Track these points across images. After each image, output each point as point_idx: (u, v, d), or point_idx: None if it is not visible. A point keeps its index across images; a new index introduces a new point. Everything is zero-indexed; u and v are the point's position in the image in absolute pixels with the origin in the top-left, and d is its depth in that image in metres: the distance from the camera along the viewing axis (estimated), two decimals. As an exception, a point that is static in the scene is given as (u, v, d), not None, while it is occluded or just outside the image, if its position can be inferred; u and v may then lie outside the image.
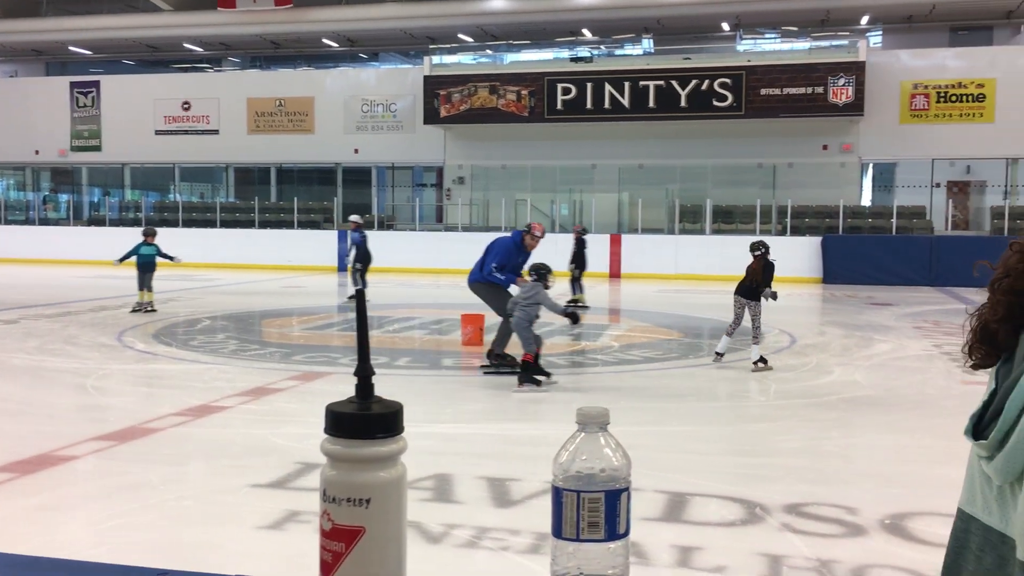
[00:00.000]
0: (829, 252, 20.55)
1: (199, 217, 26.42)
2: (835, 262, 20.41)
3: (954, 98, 22.82)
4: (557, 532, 0.96)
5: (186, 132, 28.01)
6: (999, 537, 1.00)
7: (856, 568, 3.76)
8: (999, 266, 1.24)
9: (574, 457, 0.95)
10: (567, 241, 16.03)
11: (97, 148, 28.77)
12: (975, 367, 1.11)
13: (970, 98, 22.73)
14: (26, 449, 5.50)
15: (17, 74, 33.40)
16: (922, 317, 13.61)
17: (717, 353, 8.85)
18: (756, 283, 8.70)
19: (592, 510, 0.92)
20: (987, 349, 1.11)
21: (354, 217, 15.52)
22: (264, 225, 25.55)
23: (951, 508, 5.01)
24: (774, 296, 8.49)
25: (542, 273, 7.99)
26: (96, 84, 28.91)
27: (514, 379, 7.78)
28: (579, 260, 14.81)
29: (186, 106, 27.94)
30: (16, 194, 31.44)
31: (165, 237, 24.68)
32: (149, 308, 12.94)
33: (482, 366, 8.61)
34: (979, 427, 1.08)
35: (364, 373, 1.02)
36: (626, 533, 0.93)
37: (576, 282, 14.69)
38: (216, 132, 27.80)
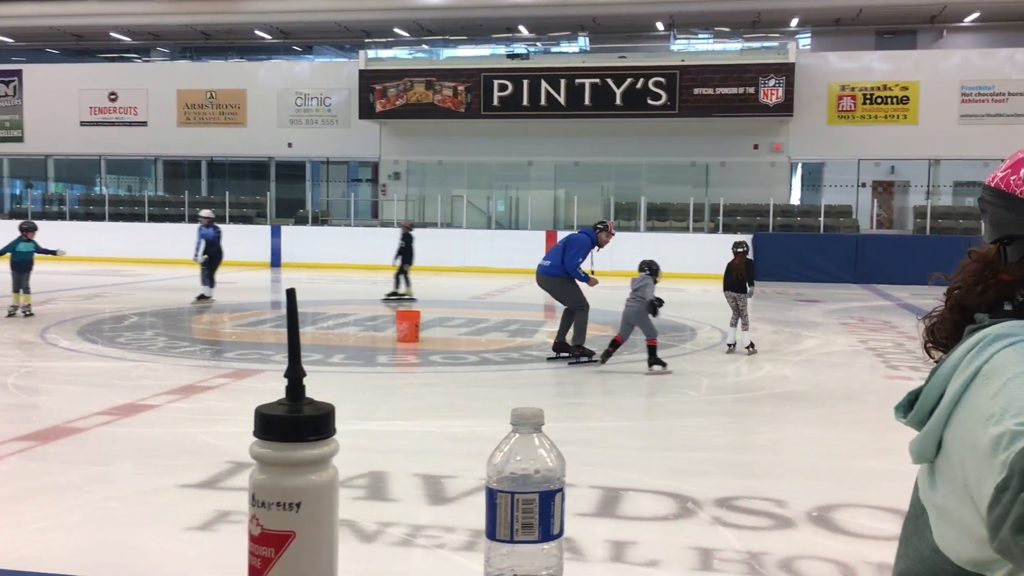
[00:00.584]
0: (759, 250, 20.92)
1: (127, 211, 25.78)
2: (765, 259, 20.79)
3: (880, 100, 23.44)
4: (491, 534, 0.95)
5: (113, 124, 27.29)
6: (920, 508, 1.05)
7: (785, 560, 3.84)
8: (955, 275, 1.20)
9: (508, 458, 0.95)
10: (506, 238, 16.05)
11: (19, 139, 27.87)
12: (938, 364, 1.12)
13: (895, 100, 23.37)
14: (-58, 451, 5.30)
15: (-67, 61, 32.15)
16: (848, 313, 13.96)
17: (729, 344, 9.69)
18: (741, 277, 9.69)
19: (526, 511, 0.91)
20: (941, 349, 1.13)
21: (205, 212, 14.74)
22: (194, 219, 24.97)
23: (876, 500, 5.18)
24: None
25: (654, 268, 8.89)
26: (18, 73, 27.99)
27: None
28: (407, 255, 15.05)
29: (113, 97, 27.23)
30: (-68, 186, 30.29)
31: (92, 231, 24.16)
32: (27, 312, 11.64)
33: (552, 358, 8.93)
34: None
35: (294, 375, 1.00)
36: (560, 534, 0.94)
37: (403, 275, 14.87)
38: (144, 124, 27.15)
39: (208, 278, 14.03)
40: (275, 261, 23.08)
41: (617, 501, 4.61)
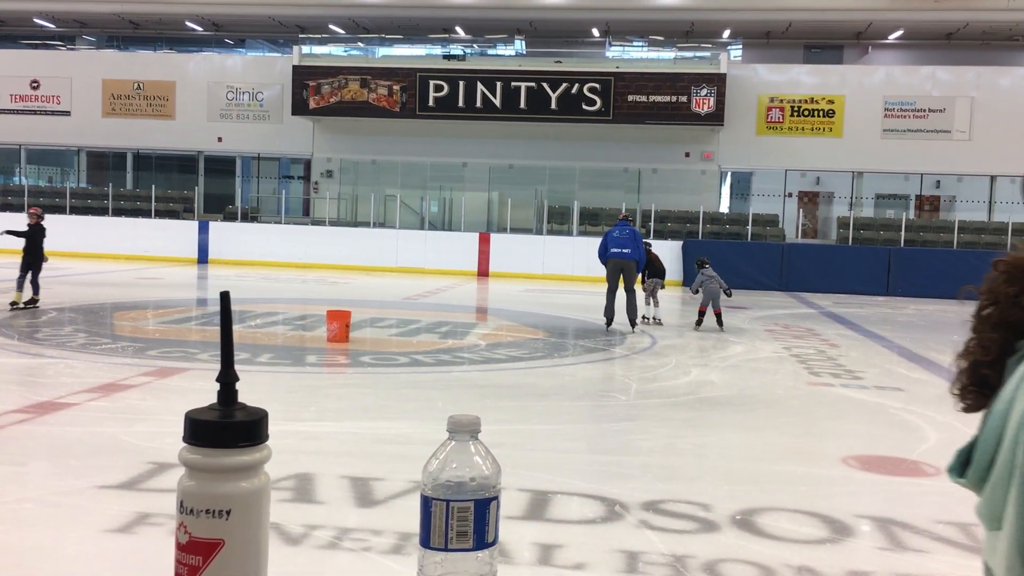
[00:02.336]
0: (689, 256, 21.26)
1: (47, 202, 24.87)
2: (695, 265, 21.12)
3: (807, 112, 24.02)
4: (425, 541, 0.94)
5: (34, 112, 26.43)
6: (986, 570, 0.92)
7: (709, 563, 3.90)
8: (983, 290, 1.03)
9: (444, 465, 0.94)
10: (439, 239, 15.98)
11: (-67, 125, 26.79)
12: (967, 410, 0.96)
13: (821, 113, 23.97)
14: None
15: None
16: (773, 320, 14.26)
17: (654, 319, 12.69)
18: (661, 268, 12.75)
19: (461, 519, 0.91)
20: (981, 392, 0.98)
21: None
22: (118, 213, 24.41)
23: (796, 504, 5.29)
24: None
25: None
26: (-67, 56, 26.91)
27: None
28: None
29: (35, 85, 26.38)
30: None
31: (8, 223, 23.29)
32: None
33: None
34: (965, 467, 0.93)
35: (227, 379, 0.98)
36: (495, 542, 0.93)
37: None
38: (68, 113, 26.36)
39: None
40: (202, 257, 22.62)
41: (545, 504, 4.63)
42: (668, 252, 21.44)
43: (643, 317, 12.59)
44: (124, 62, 27.18)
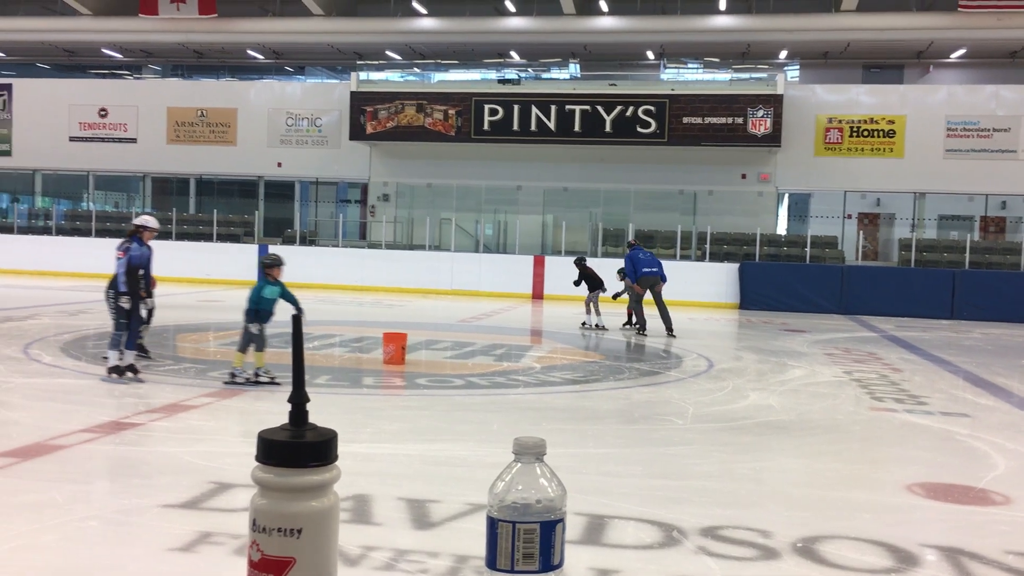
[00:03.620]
0: (746, 278, 21.04)
1: (113, 227, 25.66)
2: (751, 288, 20.90)
3: (866, 133, 23.67)
4: (491, 563, 0.95)
5: (102, 139, 27.25)
6: None
7: (769, 591, 3.82)
8: None
9: (510, 487, 0.95)
10: (493, 262, 16.07)
11: (7, 153, 27.77)
12: None
13: (881, 133, 23.61)
14: (-79, 466, 5.24)
15: (-78, 73, 32.05)
16: (833, 344, 14.01)
17: (598, 326, 13.16)
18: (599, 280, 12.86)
19: (527, 541, 0.91)
20: None
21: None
22: (182, 237, 24.98)
23: (859, 531, 5.19)
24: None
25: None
26: (8, 87, 27.93)
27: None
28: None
29: (103, 113, 27.20)
30: (-83, 198, 30.11)
31: (77, 246, 24.05)
32: (269, 378, 8.51)
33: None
34: None
35: (298, 400, 1.00)
36: (560, 564, 0.93)
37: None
38: (134, 140, 27.12)
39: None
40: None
41: (601, 528, 4.59)
42: (724, 275, 21.27)
43: (583, 324, 14.84)
44: (188, 90, 27.91)
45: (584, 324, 15.01)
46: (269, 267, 8.64)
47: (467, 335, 13.70)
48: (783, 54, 27.29)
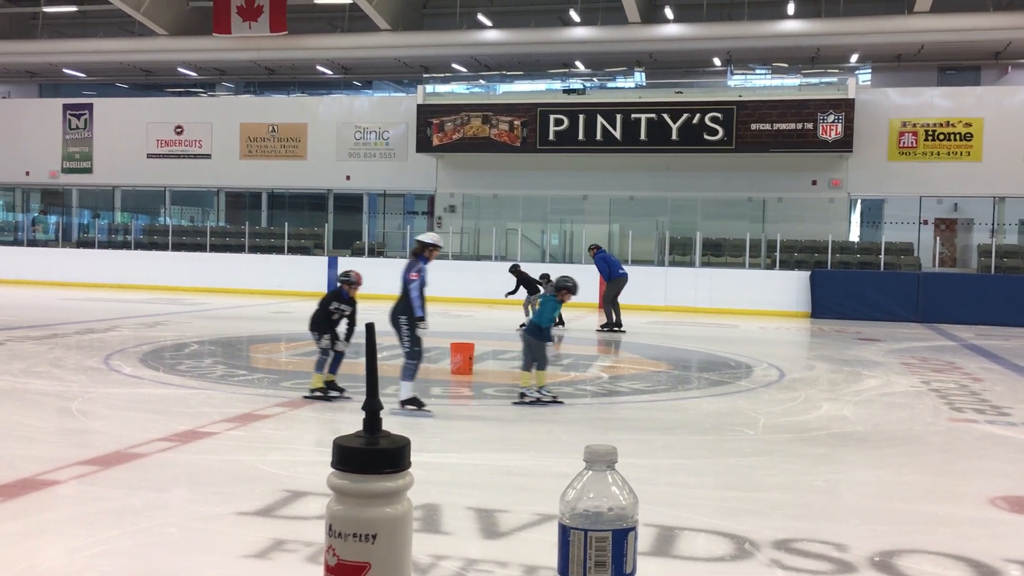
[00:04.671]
0: (817, 286, 20.64)
1: (189, 241, 26.38)
2: (823, 296, 20.49)
3: (942, 136, 23.07)
4: (563, 571, 0.95)
5: (178, 156, 28.04)
6: None
7: (845, 606, 3.73)
8: None
9: (581, 495, 0.95)
10: (560, 272, 16.06)
11: (88, 170, 28.75)
12: None
13: (958, 137, 22.98)
14: (8, 473, 5.44)
15: (10, 95, 33.44)
16: (910, 353, 13.65)
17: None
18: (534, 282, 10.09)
19: (599, 549, 0.91)
20: None
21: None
22: (254, 250, 25.52)
23: (939, 546, 5.04)
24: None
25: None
26: (89, 107, 28.95)
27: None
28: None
29: (179, 130, 27.99)
30: (5, 215, 31.35)
31: (155, 260, 24.78)
32: (551, 397, 8.46)
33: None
34: None
35: (372, 408, 1.01)
36: (632, 573, 0.93)
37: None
38: (208, 156, 27.84)
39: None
40: (331, 286, 23.38)
41: (672, 540, 4.54)
42: (795, 283, 20.90)
43: (521, 325, 14.01)
44: (260, 106, 28.56)
45: (522, 325, 15.24)
46: (568, 289, 8.54)
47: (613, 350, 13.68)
48: (854, 57, 26.77)
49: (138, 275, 24.29)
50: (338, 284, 8.51)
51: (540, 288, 15.56)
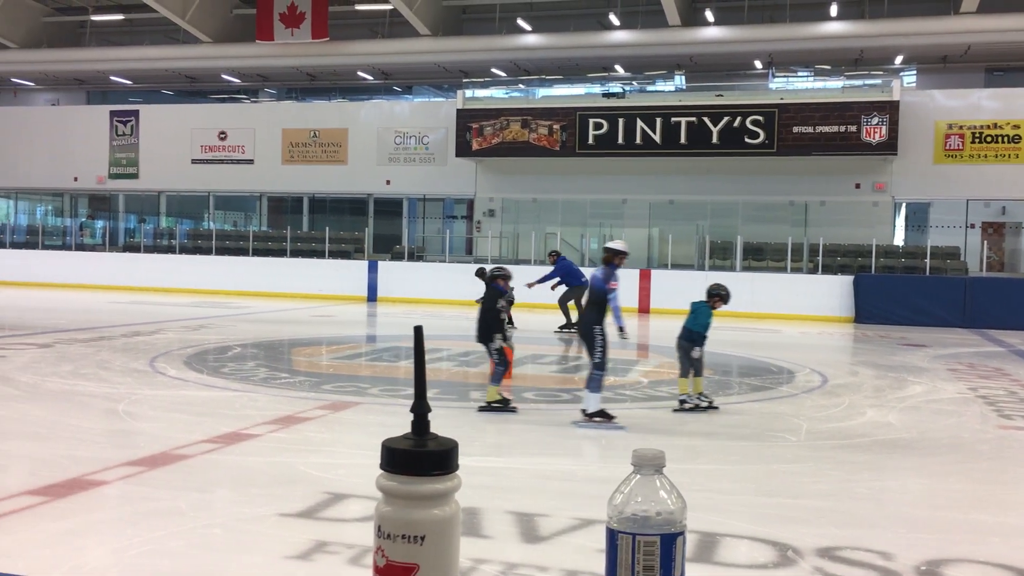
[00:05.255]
0: (861, 291, 20.36)
1: (232, 245, 26.72)
2: (867, 301, 20.21)
3: (989, 139, 22.66)
4: (611, 575, 0.94)
5: (221, 161, 28.42)
6: None
7: (891, 615, 3.68)
8: None
9: (629, 499, 0.94)
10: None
11: (134, 176, 29.26)
12: None
13: (1006, 139, 22.56)
14: (56, 473, 5.55)
15: (59, 102, 34.13)
16: (956, 359, 13.41)
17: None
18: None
19: (648, 554, 0.90)
20: None
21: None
22: (296, 254, 25.79)
23: (988, 555, 4.94)
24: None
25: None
26: (135, 113, 29.46)
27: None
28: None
29: (222, 136, 28.38)
30: (54, 220, 31.99)
31: (199, 264, 25.13)
32: (708, 402, 8.54)
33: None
34: None
35: (420, 410, 1.02)
36: (681, 579, 0.92)
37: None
38: (251, 162, 28.19)
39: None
40: (371, 296, 23.54)
41: (713, 547, 4.51)
42: (838, 288, 20.64)
43: (563, 327, 15.59)
44: (301, 112, 28.86)
45: (562, 327, 16.01)
46: (720, 297, 8.66)
47: (573, 349, 13.67)
48: (899, 59, 26.39)
49: (182, 279, 24.66)
50: (493, 281, 8.56)
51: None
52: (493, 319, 8.22)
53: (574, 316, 15.77)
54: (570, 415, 8.29)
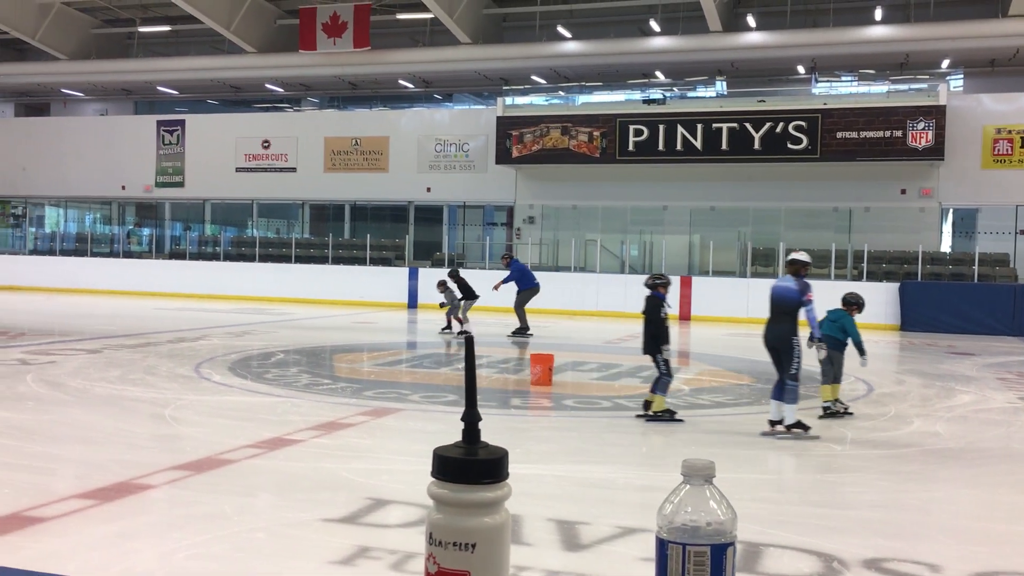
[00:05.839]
0: (907, 299, 20.05)
1: (275, 252, 27.03)
2: (913, 309, 19.89)
3: (1039, 143, 22.21)
4: (661, 585, 0.95)
5: (265, 170, 28.77)
6: None
7: (940, 629, 3.61)
8: None
9: (678, 509, 0.94)
10: (639, 283, 15.91)
11: (180, 184, 29.72)
12: None
13: (1057, 143, 22.09)
14: (105, 477, 5.64)
15: (107, 112, 34.81)
16: (1006, 368, 13.15)
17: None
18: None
19: (698, 564, 0.90)
20: None
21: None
22: (337, 261, 26.00)
23: (1041, 569, 4.76)
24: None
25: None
26: (181, 123, 29.94)
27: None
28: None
29: (266, 144, 28.73)
30: (102, 228, 32.61)
31: (242, 271, 25.45)
32: (843, 408, 8.68)
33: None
34: None
35: (471, 419, 1.03)
36: (732, 589, 0.92)
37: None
38: (294, 170, 28.49)
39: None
40: (412, 302, 23.66)
41: (757, 557, 4.46)
42: (884, 295, 20.34)
43: (454, 332, 16.04)
44: (343, 120, 29.12)
45: (451, 331, 16.26)
46: (857, 306, 9.13)
47: (613, 356, 13.63)
48: (945, 63, 25.98)
49: (226, 286, 24.99)
50: (654, 290, 8.56)
51: (476, 294, 16.50)
52: (659, 329, 8.17)
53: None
54: (611, 422, 8.25)
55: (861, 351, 8.77)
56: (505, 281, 16.95)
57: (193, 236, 29.42)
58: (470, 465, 0.98)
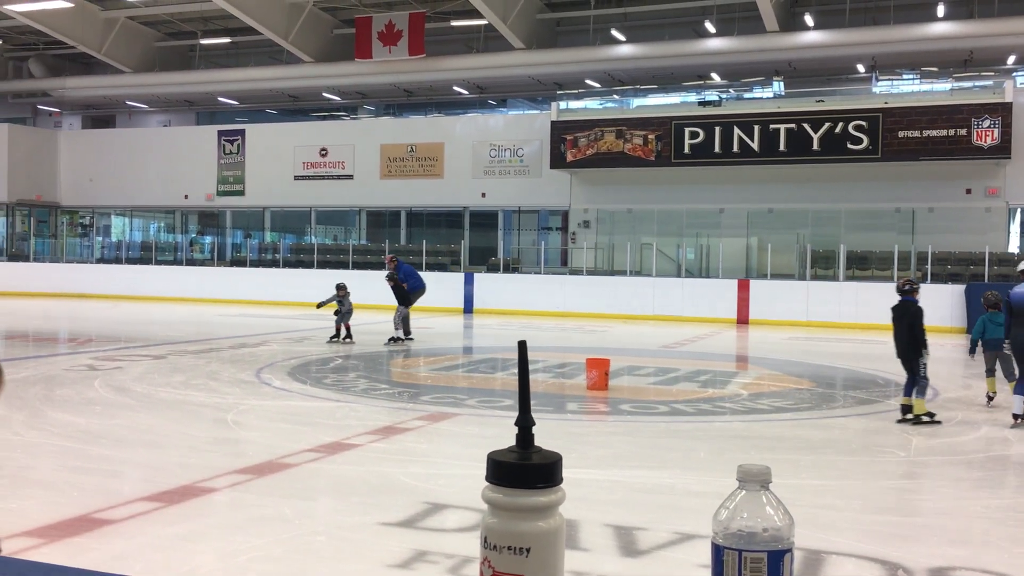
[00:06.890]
0: (974, 301, 19.53)
1: (332, 258, 27.37)
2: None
3: (1112, 139, 21.49)
4: (718, 591, 0.94)
5: (323, 177, 29.17)
6: None
7: (1010, 641, 3.52)
8: None
9: (734, 515, 0.93)
10: (696, 286, 15.78)
11: (240, 193, 30.28)
12: None
13: None
14: (169, 480, 5.77)
15: (170, 123, 35.63)
16: (1078, 372, 12.72)
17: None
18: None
19: (755, 570, 0.89)
20: None
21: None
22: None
23: (1118, 581, 4.61)
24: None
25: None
26: (241, 132, 30.51)
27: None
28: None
29: (323, 152, 29.13)
30: (166, 236, 33.38)
31: (301, 277, 25.83)
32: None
33: None
34: None
35: (525, 423, 1.03)
36: (790, 597, 0.91)
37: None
38: (351, 177, 28.84)
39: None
40: (467, 308, 23.76)
41: (819, 564, 4.39)
42: (949, 297, 19.88)
43: (403, 338, 15.36)
44: (399, 128, 29.41)
45: (399, 339, 15.51)
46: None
47: (670, 361, 13.53)
48: (1011, 59, 25.30)
49: (286, 292, 25.37)
50: (908, 295, 8.69)
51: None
52: (920, 334, 8.37)
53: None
54: (668, 427, 8.19)
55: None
56: (404, 280, 16.21)
57: (253, 243, 29.95)
58: (523, 469, 0.99)
